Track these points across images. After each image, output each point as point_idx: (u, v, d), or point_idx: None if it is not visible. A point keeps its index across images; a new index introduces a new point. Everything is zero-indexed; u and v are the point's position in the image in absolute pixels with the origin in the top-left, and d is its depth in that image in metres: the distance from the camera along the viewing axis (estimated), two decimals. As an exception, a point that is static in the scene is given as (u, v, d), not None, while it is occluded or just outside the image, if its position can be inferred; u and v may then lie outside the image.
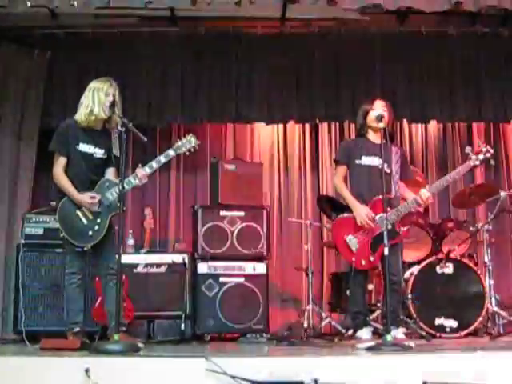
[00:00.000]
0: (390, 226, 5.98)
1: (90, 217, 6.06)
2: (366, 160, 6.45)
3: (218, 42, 9.33)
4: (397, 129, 9.25)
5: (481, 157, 6.38)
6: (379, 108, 6.47)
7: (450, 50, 9.33)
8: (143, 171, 6.11)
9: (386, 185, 6.05)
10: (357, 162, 6.48)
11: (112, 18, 9.03)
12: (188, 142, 6.21)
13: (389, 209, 6.07)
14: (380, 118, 6.20)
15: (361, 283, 6.49)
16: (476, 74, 9.29)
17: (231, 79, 9.28)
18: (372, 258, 6.22)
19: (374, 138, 6.51)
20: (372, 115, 6.46)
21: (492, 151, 6.42)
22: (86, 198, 6.05)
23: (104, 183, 6.15)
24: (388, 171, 6.29)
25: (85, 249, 6.09)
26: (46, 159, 6.41)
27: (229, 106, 9.20)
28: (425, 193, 6.29)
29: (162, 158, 6.17)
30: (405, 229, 6.41)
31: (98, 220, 6.06)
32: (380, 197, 6.07)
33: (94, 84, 6.24)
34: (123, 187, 5.69)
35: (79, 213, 6.07)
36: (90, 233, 6.05)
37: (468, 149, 6.45)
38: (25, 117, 8.96)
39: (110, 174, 6.27)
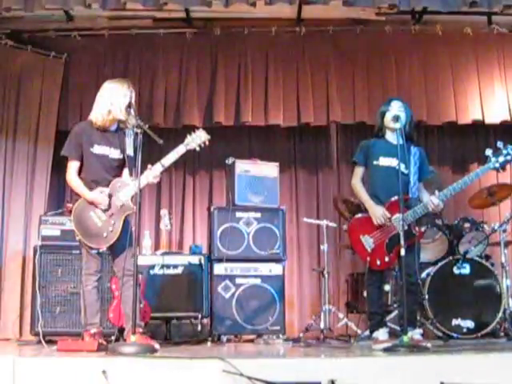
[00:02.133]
0: (406, 227, 5.97)
1: (104, 218, 6.05)
2: (384, 161, 6.40)
3: (233, 43, 9.35)
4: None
5: (501, 159, 6.27)
6: (395, 109, 6.42)
7: (466, 49, 9.32)
8: (155, 171, 6.09)
9: (404, 186, 6.06)
10: (374, 162, 6.44)
11: (127, 19, 9.07)
12: (198, 138, 6.17)
13: (405, 209, 6.06)
14: (396, 119, 6.18)
15: (376, 284, 6.46)
16: (492, 74, 9.27)
17: (247, 80, 9.30)
18: (387, 259, 6.19)
19: (392, 138, 6.46)
20: (388, 116, 6.42)
21: None
22: (96, 194, 6.04)
23: (116, 184, 6.12)
24: (406, 172, 6.25)
25: (100, 251, 6.10)
26: (63, 161, 6.42)
27: (244, 107, 9.21)
28: (434, 199, 6.24)
29: (173, 155, 6.16)
30: (422, 229, 6.37)
31: (112, 221, 6.04)
32: (396, 197, 6.05)
33: (110, 84, 6.21)
34: (139, 188, 5.71)
35: (93, 215, 6.06)
36: (105, 234, 6.03)
37: (488, 151, 6.34)
38: (41, 119, 9.01)
39: (126, 174, 6.26)
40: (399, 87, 9.27)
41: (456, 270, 7.49)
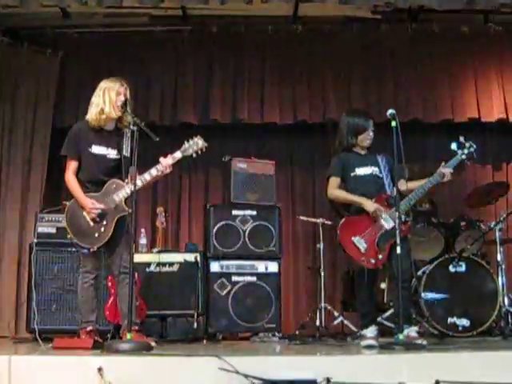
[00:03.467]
0: (392, 224, 6.10)
1: (97, 219, 6.06)
2: (359, 171, 6.49)
3: (229, 40, 9.36)
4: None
5: (465, 151, 6.50)
6: (371, 129, 6.52)
7: (463, 48, 9.34)
8: (149, 175, 6.11)
9: (381, 188, 6.36)
10: (352, 174, 6.51)
11: (124, 17, 9.06)
12: (195, 145, 6.18)
13: (390, 207, 6.20)
14: (393, 117, 6.16)
15: (368, 283, 6.44)
16: (488, 72, 9.28)
17: (243, 78, 9.31)
18: (381, 256, 6.21)
19: (360, 150, 6.57)
20: (367, 135, 6.49)
21: (475, 146, 6.54)
22: (88, 203, 6.04)
23: (111, 185, 6.12)
24: (381, 176, 6.43)
25: (91, 250, 6.08)
26: (59, 158, 6.41)
27: (240, 104, 9.22)
28: (444, 169, 6.38)
29: (170, 160, 6.16)
30: (408, 223, 6.38)
31: (104, 222, 6.04)
32: (381, 195, 6.24)
33: (104, 84, 6.22)
34: (135, 188, 5.71)
35: (86, 215, 6.06)
36: (96, 234, 6.03)
37: (454, 145, 6.53)
38: (37, 116, 9.01)
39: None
40: (395, 85, 9.29)
41: (452, 268, 7.49)
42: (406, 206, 6.30)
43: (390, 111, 6.26)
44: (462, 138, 6.53)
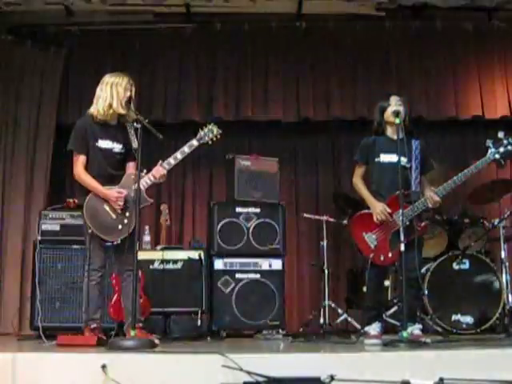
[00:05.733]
0: (407, 222, 5.96)
1: (119, 211, 6.05)
2: (385, 157, 6.38)
3: (233, 38, 9.35)
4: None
5: (501, 149, 6.12)
6: (395, 103, 6.40)
7: (466, 45, 9.32)
8: (162, 169, 6.12)
9: (405, 180, 6.07)
10: (376, 159, 6.42)
11: (127, 14, 9.07)
12: (210, 132, 6.21)
13: (407, 205, 6.05)
14: (396, 114, 6.16)
15: (376, 279, 6.44)
16: (492, 69, 9.27)
17: (247, 75, 9.31)
18: (391, 255, 6.16)
19: (392, 134, 6.44)
20: (389, 111, 6.39)
21: None
22: (113, 192, 6.02)
23: (129, 177, 6.12)
24: (408, 166, 6.22)
25: (114, 243, 6.06)
26: (63, 156, 6.41)
27: (244, 102, 9.21)
28: (434, 196, 6.21)
29: (186, 149, 6.18)
30: (422, 224, 6.33)
31: (127, 214, 6.02)
32: (397, 193, 6.03)
33: (112, 78, 6.18)
34: (139, 184, 5.71)
35: (107, 208, 6.03)
36: (120, 227, 6.01)
37: (489, 142, 6.23)
38: (41, 114, 9.02)
39: (131, 168, 6.23)
40: (399, 83, 9.27)
41: (455, 266, 7.49)
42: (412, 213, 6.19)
43: (394, 108, 6.25)
44: (500, 134, 6.13)
